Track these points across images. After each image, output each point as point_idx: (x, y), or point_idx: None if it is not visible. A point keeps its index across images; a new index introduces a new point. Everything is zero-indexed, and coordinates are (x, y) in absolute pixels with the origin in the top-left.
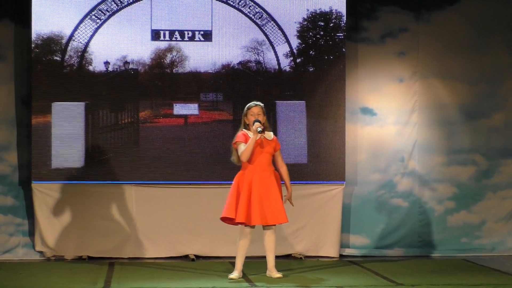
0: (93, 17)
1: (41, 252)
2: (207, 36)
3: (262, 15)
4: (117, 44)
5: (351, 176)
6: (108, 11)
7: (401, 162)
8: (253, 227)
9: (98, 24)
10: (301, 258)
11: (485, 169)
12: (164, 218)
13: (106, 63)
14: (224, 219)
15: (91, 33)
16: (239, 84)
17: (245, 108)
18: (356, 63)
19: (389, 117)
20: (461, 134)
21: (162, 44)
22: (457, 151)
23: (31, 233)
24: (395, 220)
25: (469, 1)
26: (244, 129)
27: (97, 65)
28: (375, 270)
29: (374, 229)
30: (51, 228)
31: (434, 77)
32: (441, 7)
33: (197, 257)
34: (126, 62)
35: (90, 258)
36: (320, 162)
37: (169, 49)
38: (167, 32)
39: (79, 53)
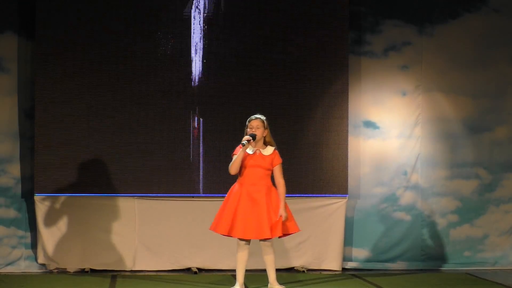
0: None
1: (43, 265)
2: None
3: None
4: (120, 56)
5: (354, 189)
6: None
7: (404, 175)
8: (247, 241)
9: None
10: (303, 271)
11: (488, 183)
12: (166, 231)
13: (110, 76)
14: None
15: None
16: (243, 96)
17: (247, 121)
18: (359, 76)
19: (392, 131)
20: (464, 148)
21: (165, 54)
22: (460, 165)
23: (34, 245)
24: (397, 233)
25: (473, 15)
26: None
27: (100, 79)
28: (378, 283)
29: (377, 243)
30: (53, 240)
31: (437, 90)
32: (445, 21)
33: (200, 270)
34: (128, 75)
35: (93, 271)
36: (323, 175)
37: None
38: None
39: (83, 66)
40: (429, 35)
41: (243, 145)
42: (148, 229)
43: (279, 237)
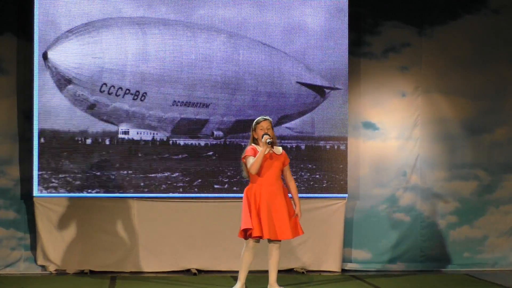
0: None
1: (43, 266)
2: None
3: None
4: (119, 60)
5: (353, 190)
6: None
7: (404, 176)
8: (258, 241)
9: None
10: (303, 272)
11: (488, 184)
12: (166, 232)
13: (108, 77)
14: (242, 231)
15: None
16: (243, 98)
17: (254, 123)
18: (359, 77)
19: (391, 132)
20: (463, 149)
21: (167, 58)
22: (460, 166)
23: (33, 247)
24: (397, 234)
25: (472, 17)
26: (253, 144)
27: (99, 80)
28: (377, 284)
29: (376, 244)
30: (53, 242)
31: (437, 92)
32: (444, 22)
33: (199, 271)
34: (127, 76)
35: (92, 272)
36: (323, 176)
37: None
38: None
39: (82, 68)
40: (428, 36)
41: (269, 143)
42: (148, 230)
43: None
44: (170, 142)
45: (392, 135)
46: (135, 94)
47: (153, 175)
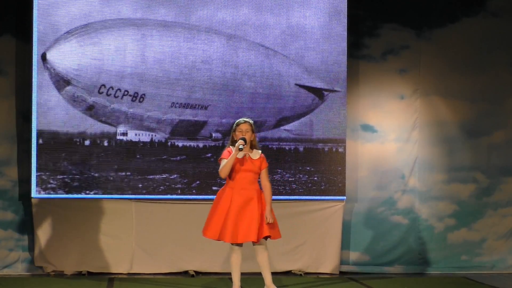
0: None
1: (40, 267)
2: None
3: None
4: (118, 62)
5: (351, 193)
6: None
7: (402, 179)
8: (239, 244)
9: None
10: (301, 274)
11: (486, 187)
12: (164, 233)
13: (106, 78)
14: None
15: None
16: (241, 100)
17: (234, 124)
18: (357, 80)
19: (389, 134)
20: (461, 152)
21: (166, 60)
22: (458, 169)
23: (31, 248)
24: (395, 237)
25: (471, 19)
26: (231, 146)
27: (98, 82)
28: (375, 287)
29: (374, 246)
30: (50, 243)
31: (435, 94)
32: (443, 25)
33: (197, 273)
34: (125, 78)
35: (90, 274)
36: (321, 178)
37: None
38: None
39: (80, 69)
40: (427, 39)
41: (241, 149)
42: (146, 232)
43: (266, 238)
44: (169, 143)
45: (391, 138)
46: (134, 95)
47: (151, 176)
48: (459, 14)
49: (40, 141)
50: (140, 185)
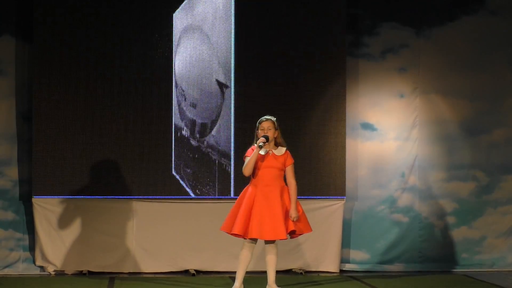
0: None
1: (41, 267)
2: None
3: None
4: (119, 60)
5: (351, 191)
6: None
7: (402, 177)
8: (254, 241)
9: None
10: (301, 273)
11: (486, 185)
12: (164, 233)
13: (107, 79)
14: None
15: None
16: (241, 100)
17: (258, 122)
18: (357, 78)
19: (389, 133)
20: (461, 150)
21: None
22: (458, 167)
23: (32, 248)
24: (395, 235)
25: (470, 18)
26: (255, 144)
27: (97, 82)
28: (376, 285)
29: (375, 244)
30: (51, 243)
31: (435, 93)
32: (442, 24)
33: (198, 272)
34: (126, 78)
35: (91, 273)
36: (321, 177)
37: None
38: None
39: (80, 69)
40: (426, 37)
41: (260, 147)
42: (146, 231)
43: (292, 237)
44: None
45: (390, 136)
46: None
47: (151, 176)
48: (458, 12)
49: (40, 141)
50: (141, 185)
